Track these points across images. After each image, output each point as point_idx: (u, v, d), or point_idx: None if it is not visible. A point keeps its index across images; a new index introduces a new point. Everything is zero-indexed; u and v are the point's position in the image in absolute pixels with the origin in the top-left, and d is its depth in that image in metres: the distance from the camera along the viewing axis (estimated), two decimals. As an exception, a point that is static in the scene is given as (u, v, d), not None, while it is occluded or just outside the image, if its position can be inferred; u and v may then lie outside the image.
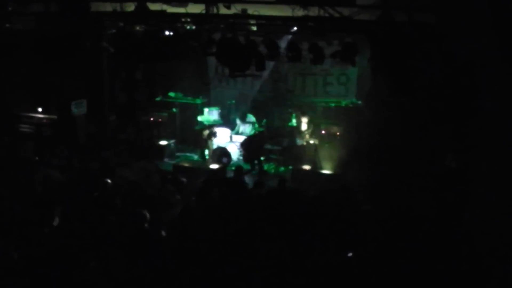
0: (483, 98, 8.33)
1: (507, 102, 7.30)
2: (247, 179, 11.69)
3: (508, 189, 7.16)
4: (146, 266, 6.73)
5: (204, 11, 9.60)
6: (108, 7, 9.91)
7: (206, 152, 13.83)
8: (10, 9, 10.75)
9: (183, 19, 10.31)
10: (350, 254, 7.21)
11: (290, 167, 13.00)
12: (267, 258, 6.85)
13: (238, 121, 14.33)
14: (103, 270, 6.64)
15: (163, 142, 14.28)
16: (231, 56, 9.95)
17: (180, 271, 6.72)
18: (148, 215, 7.31)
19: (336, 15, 8.95)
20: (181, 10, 9.72)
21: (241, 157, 13.68)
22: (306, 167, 12.51)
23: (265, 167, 13.44)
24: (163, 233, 7.38)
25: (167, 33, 10.56)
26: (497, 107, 7.59)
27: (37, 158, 11.44)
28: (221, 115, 14.59)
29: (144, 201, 8.53)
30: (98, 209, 8.05)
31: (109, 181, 8.97)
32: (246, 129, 14.11)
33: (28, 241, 6.92)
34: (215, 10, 9.51)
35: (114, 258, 6.79)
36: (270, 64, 12.47)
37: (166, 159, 13.90)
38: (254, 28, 10.60)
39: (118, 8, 9.81)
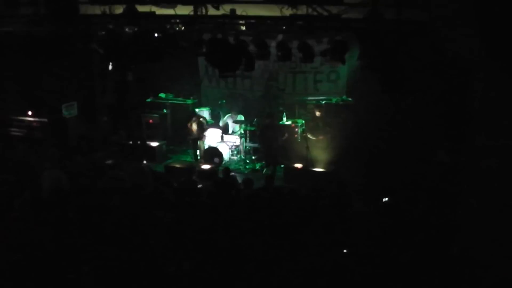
0: (475, 93, 8.39)
1: (498, 96, 7.36)
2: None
3: (501, 182, 7.22)
4: (141, 265, 6.76)
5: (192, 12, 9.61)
6: (96, 10, 9.88)
7: (198, 152, 13.85)
8: (-1, 13, 10.73)
9: (172, 20, 10.29)
10: (345, 251, 7.27)
11: (282, 166, 13.01)
12: (261, 258, 6.89)
13: (228, 121, 14.37)
14: (98, 271, 6.67)
15: (154, 143, 14.27)
16: (221, 57, 9.93)
17: (174, 270, 6.75)
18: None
19: (324, 13, 8.99)
20: (170, 11, 9.71)
21: (233, 156, 13.75)
22: (298, 165, 12.53)
23: (257, 166, 13.50)
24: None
25: (156, 34, 10.53)
26: (489, 102, 7.65)
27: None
28: (212, 115, 14.61)
29: (139, 202, 8.55)
30: (91, 210, 8.05)
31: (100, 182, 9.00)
32: (236, 128, 14.16)
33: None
34: (203, 11, 9.51)
35: (110, 259, 6.81)
36: (261, 63, 12.48)
37: (157, 160, 13.88)
38: (243, 28, 10.60)
39: (107, 11, 9.78)
